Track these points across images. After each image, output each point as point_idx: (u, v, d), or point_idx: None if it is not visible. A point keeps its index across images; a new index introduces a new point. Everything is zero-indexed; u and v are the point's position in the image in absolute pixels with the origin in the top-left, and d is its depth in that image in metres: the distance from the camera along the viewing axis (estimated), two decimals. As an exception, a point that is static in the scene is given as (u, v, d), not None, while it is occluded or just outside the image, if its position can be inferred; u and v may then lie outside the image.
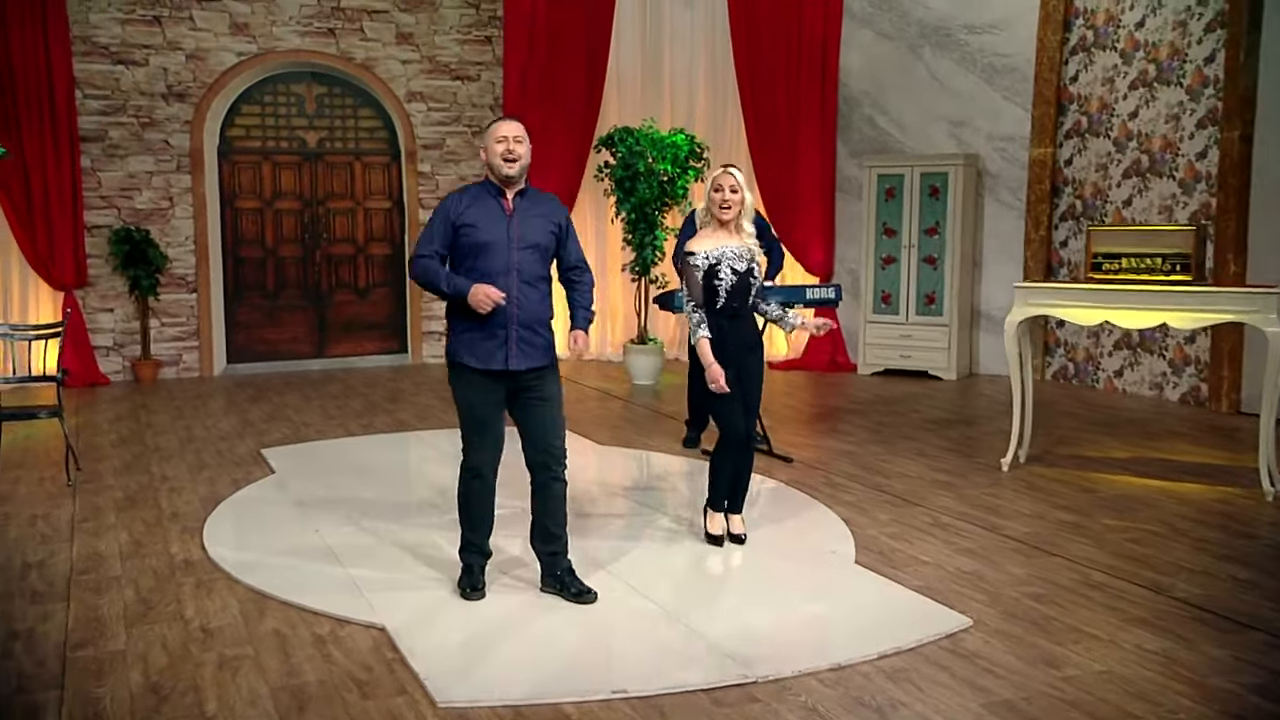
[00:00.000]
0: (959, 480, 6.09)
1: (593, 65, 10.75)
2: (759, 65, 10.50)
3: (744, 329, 4.73)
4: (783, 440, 7.06)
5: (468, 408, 4.26)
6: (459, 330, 4.23)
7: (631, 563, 4.74)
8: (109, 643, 3.89)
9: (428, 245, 4.22)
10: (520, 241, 4.18)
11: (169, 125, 9.76)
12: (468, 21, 10.73)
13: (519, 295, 4.17)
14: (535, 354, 4.24)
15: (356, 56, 10.34)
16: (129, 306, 9.73)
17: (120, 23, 9.52)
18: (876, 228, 10.08)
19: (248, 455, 6.82)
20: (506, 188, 4.22)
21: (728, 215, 4.65)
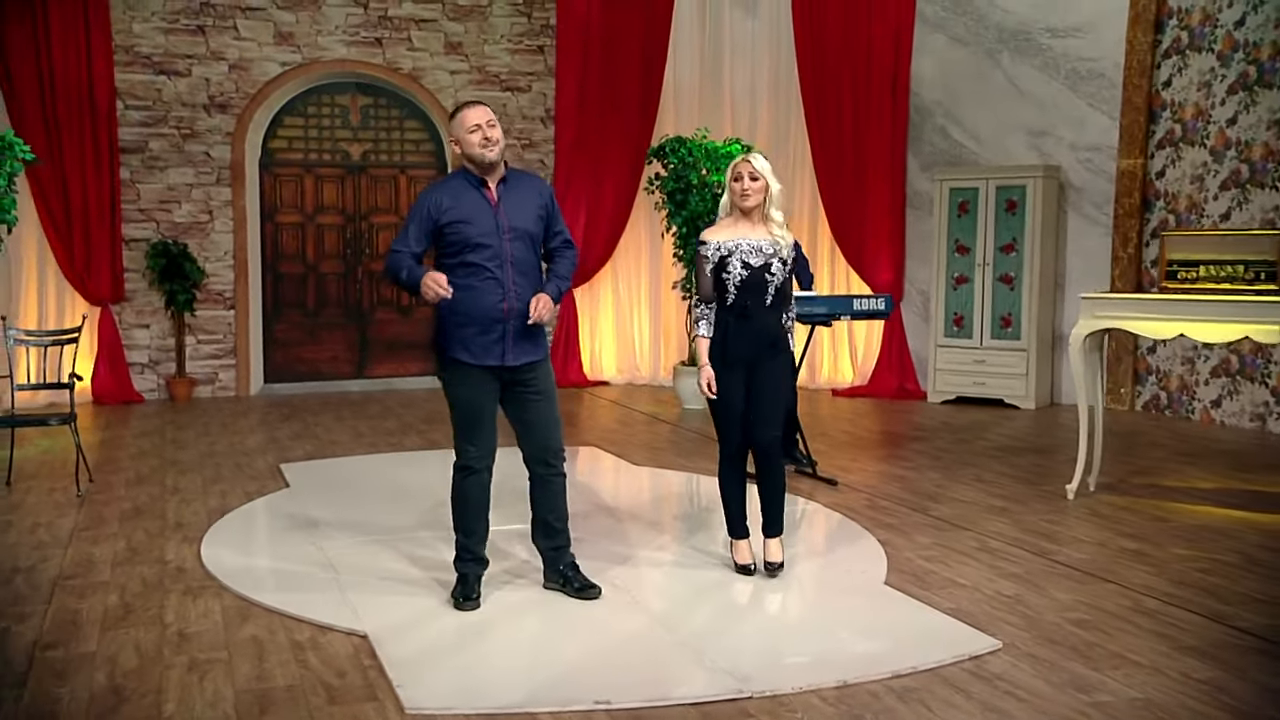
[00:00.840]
0: (1017, 506, 5.91)
1: (649, 75, 10.81)
2: (824, 74, 10.45)
3: (757, 329, 4.57)
4: (832, 465, 6.95)
5: (464, 404, 4.28)
6: (454, 324, 4.24)
7: (641, 577, 4.67)
8: (81, 644, 3.92)
9: (402, 241, 4.26)
10: (511, 231, 4.21)
11: (210, 137, 10.03)
12: (519, 30, 10.88)
13: (515, 287, 4.19)
14: (531, 348, 4.28)
15: (404, 66, 10.54)
16: (165, 323, 9.98)
17: (164, 32, 9.84)
18: (948, 245, 9.91)
19: (266, 470, 6.91)
20: (488, 175, 4.25)
21: (748, 204, 4.54)
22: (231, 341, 10.22)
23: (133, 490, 6.38)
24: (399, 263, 4.24)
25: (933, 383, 10.03)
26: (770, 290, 4.58)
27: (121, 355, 9.79)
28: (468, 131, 4.21)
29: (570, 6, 10.73)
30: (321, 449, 7.64)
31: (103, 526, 5.56)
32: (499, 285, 4.17)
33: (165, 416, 9.03)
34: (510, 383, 4.29)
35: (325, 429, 8.43)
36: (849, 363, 10.90)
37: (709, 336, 4.60)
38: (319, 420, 8.84)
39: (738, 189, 4.57)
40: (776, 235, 4.60)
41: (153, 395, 9.97)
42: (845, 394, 10.35)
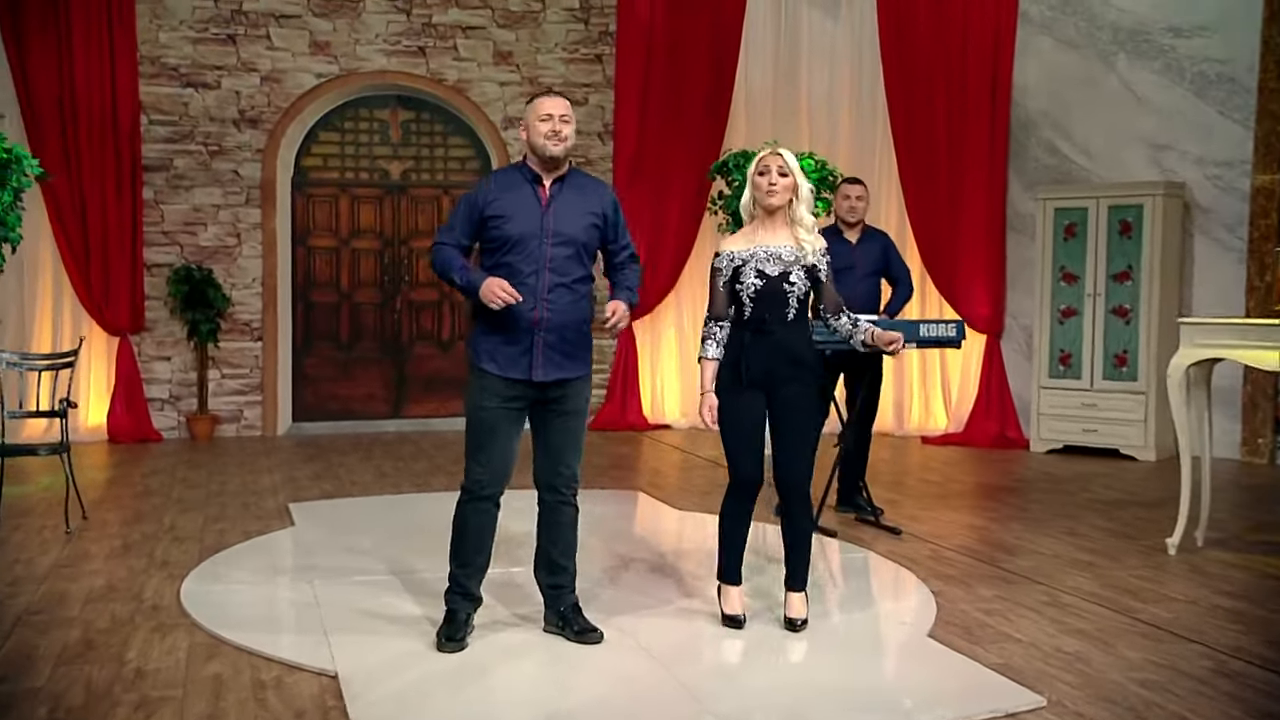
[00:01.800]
0: (1105, 561, 5.77)
1: (718, 83, 10.90)
2: (914, 81, 10.43)
3: (777, 348, 4.50)
4: (901, 515, 6.87)
5: (478, 417, 4.33)
6: (482, 331, 4.34)
7: (650, 624, 4.65)
8: (28, 680, 4.03)
9: (449, 233, 4.40)
10: (554, 236, 4.27)
11: (239, 154, 10.36)
12: (575, 38, 11.07)
13: (549, 297, 4.25)
14: (565, 364, 4.32)
15: (449, 78, 10.78)
16: (187, 355, 10.28)
17: (192, 42, 10.22)
18: (1053, 273, 9.76)
19: (274, 510, 7.05)
20: (546, 173, 4.34)
21: (773, 201, 4.51)
22: (258, 376, 10.48)
23: (126, 528, 6.55)
24: (449, 260, 4.34)
25: (1036, 429, 9.84)
26: (791, 302, 4.53)
27: (140, 390, 10.10)
28: (538, 119, 4.32)
29: (632, 10, 10.90)
30: (340, 489, 7.77)
31: (84, 563, 5.72)
32: (531, 292, 4.23)
33: (181, 455, 9.27)
34: (539, 401, 4.35)
35: (349, 470, 8.58)
36: (942, 406, 10.77)
37: (716, 359, 4.55)
38: (344, 461, 8.99)
39: (763, 184, 4.54)
40: (803, 240, 4.55)
41: (172, 434, 10.25)
42: (937, 442, 10.22)
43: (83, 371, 9.98)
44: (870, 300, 6.84)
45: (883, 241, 7.03)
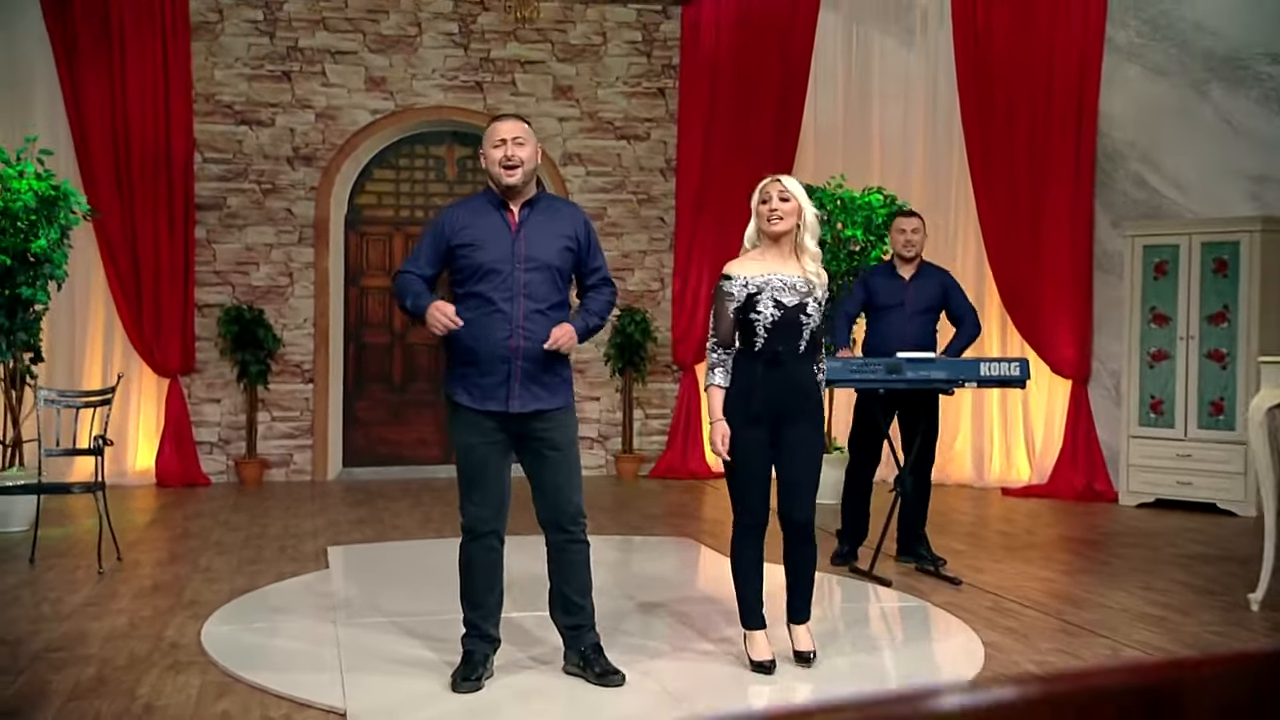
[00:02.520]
0: (1178, 616, 5.66)
1: (785, 116, 10.97)
2: (993, 112, 10.42)
3: (788, 381, 4.56)
4: (964, 565, 6.82)
5: (463, 453, 4.42)
6: (456, 364, 4.42)
7: (678, 668, 4.67)
8: (37, 715, 4.17)
9: (413, 262, 4.49)
10: (527, 261, 4.34)
11: (293, 192, 10.65)
12: (637, 71, 11.23)
13: (525, 325, 4.31)
14: (544, 394, 4.38)
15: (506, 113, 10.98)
16: (237, 397, 10.52)
17: (247, 79, 10.56)
18: (1142, 314, 9.63)
19: (311, 553, 7.18)
20: (511, 199, 4.41)
21: (777, 228, 4.53)
22: (308, 419, 10.69)
23: (159, 569, 6.72)
24: (406, 286, 4.44)
25: (1125, 481, 9.68)
26: (805, 334, 4.59)
27: (189, 433, 10.35)
28: (492, 146, 4.41)
29: (696, 43, 11.04)
30: (382, 534, 7.90)
31: (111, 602, 5.88)
32: (506, 320, 4.30)
33: (226, 500, 9.48)
34: (521, 434, 4.41)
35: (394, 515, 8.71)
36: (1025, 456, 10.65)
37: (724, 387, 4.57)
38: (391, 507, 9.13)
39: (765, 211, 4.59)
40: (810, 272, 4.60)
41: (221, 478, 10.48)
42: (1018, 493, 10.10)
43: (131, 413, 10.28)
44: (922, 339, 6.82)
45: (940, 279, 7.01)
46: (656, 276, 11.19)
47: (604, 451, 11.09)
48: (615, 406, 11.10)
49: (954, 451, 10.79)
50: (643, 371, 10.88)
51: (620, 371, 10.91)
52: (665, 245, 11.17)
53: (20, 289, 7.79)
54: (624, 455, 10.91)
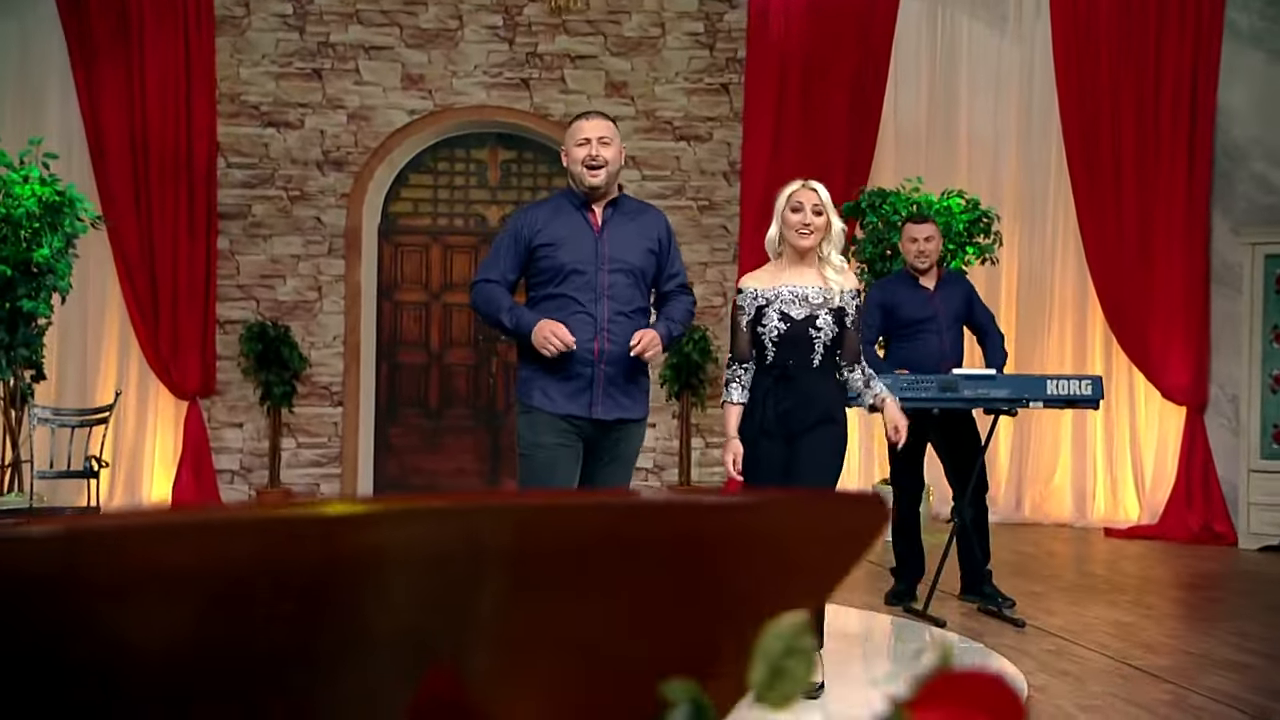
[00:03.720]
0: (1263, 663, 5.60)
1: (862, 115, 11.02)
2: (1096, 108, 10.39)
3: (801, 395, 4.75)
4: (1039, 608, 6.81)
5: (534, 461, 4.56)
6: (534, 367, 4.58)
7: None
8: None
9: (492, 268, 4.66)
10: (612, 263, 4.54)
11: (322, 199, 10.93)
12: (699, 66, 11.36)
13: (609, 328, 4.50)
14: (626, 403, 4.57)
15: (554, 113, 11.18)
16: (260, 421, 10.80)
17: (274, 78, 10.88)
18: (1264, 333, 9.52)
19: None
20: (593, 200, 4.62)
21: (806, 242, 4.75)
22: (337, 446, 10.93)
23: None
24: (496, 300, 4.60)
25: (1245, 521, 9.55)
26: (817, 348, 4.78)
27: (208, 460, 10.64)
28: (576, 145, 4.61)
29: (764, 34, 11.13)
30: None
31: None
32: (591, 322, 4.49)
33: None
34: (594, 442, 4.56)
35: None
36: (1133, 493, 10.56)
37: (741, 403, 4.79)
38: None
39: (795, 220, 4.77)
40: (831, 281, 4.80)
41: (242, 509, 10.72)
42: (1122, 534, 10.01)
43: (147, 437, 10.61)
44: (959, 355, 6.84)
45: (963, 286, 7.03)
46: (719, 290, 11.28)
47: (659, 484, 11.19)
48: (672, 434, 11.19)
49: (1052, 487, 10.74)
50: (702, 395, 10.94)
51: (677, 395, 11.00)
52: (728, 256, 11.26)
53: (21, 301, 8.10)
54: (681, 487, 10.99)
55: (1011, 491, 10.73)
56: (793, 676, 0.69)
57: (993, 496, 10.60)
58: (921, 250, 6.86)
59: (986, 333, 6.99)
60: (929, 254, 6.86)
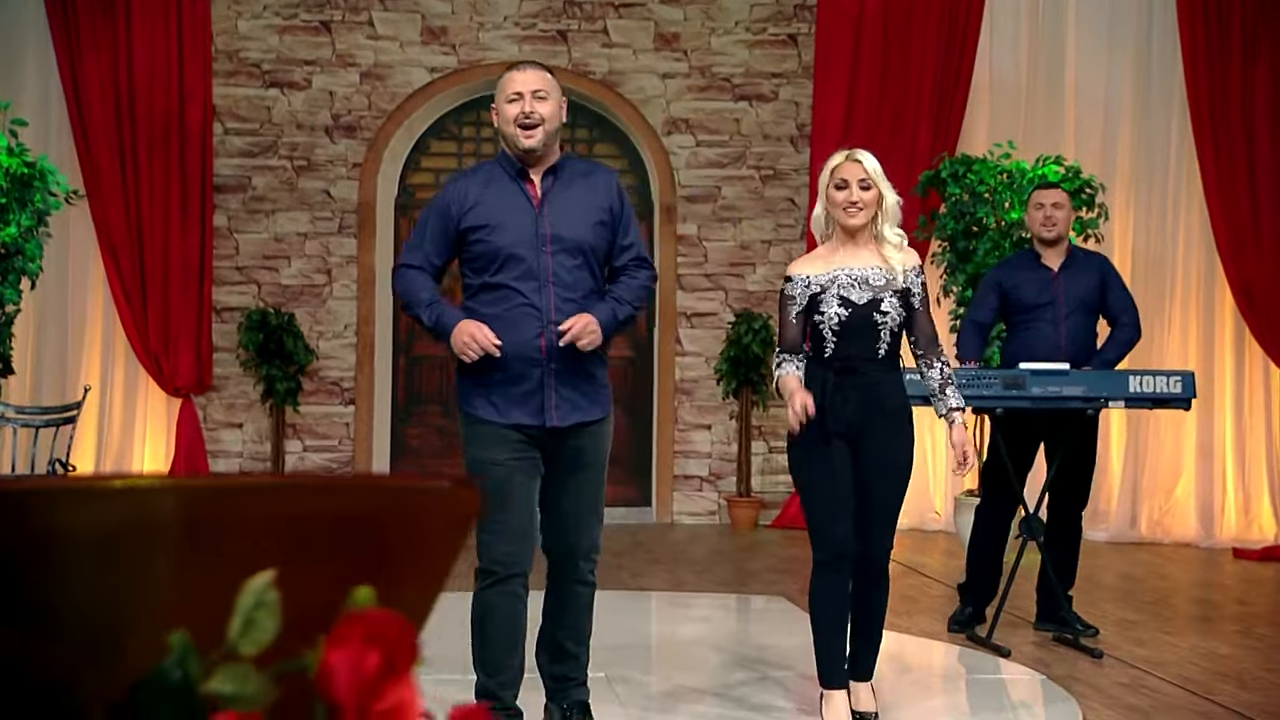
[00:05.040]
0: (1374, 699, 5.71)
1: (952, 70, 11.08)
2: (1226, 61, 10.44)
3: (865, 390, 4.85)
4: (1129, 637, 6.95)
5: (481, 473, 4.56)
6: (473, 370, 4.58)
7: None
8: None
9: (415, 251, 4.72)
10: (555, 243, 4.57)
11: (331, 170, 11.19)
12: (762, 14, 11.49)
13: (558, 319, 4.50)
14: (584, 403, 4.61)
15: (596, 70, 11.37)
16: (262, 421, 11.09)
17: (277, 31, 11.15)
18: None
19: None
20: (530, 166, 4.65)
21: (856, 220, 4.84)
22: (349, 449, 11.19)
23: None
24: (416, 291, 4.65)
25: (1399, 541, 9.58)
26: (883, 336, 4.86)
27: (204, 464, 10.93)
28: (506, 101, 4.62)
29: (838, -23, 11.25)
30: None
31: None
32: (536, 315, 4.50)
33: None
34: (552, 450, 4.60)
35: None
36: (1269, 508, 10.57)
37: (796, 376, 4.85)
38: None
39: (841, 199, 4.85)
40: (892, 260, 4.87)
41: (242, 521, 11.03)
42: (1255, 556, 10.00)
43: (136, 439, 10.93)
44: (1081, 346, 6.87)
45: (1099, 266, 7.09)
46: (784, 273, 11.38)
47: (715, 494, 11.34)
48: (729, 437, 11.34)
49: (1173, 502, 10.76)
50: (764, 394, 11.05)
51: (735, 393, 11.14)
52: (796, 234, 11.36)
53: (-14, 285, 8.41)
54: (739, 499, 11.12)
55: (1125, 506, 10.75)
56: (261, 626, 0.87)
57: (1104, 512, 10.74)
58: (1049, 217, 6.97)
59: (1118, 322, 7.03)
60: (1057, 221, 6.96)
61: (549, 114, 4.57)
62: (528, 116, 4.54)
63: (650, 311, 11.51)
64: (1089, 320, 7.00)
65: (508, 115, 4.59)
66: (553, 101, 4.62)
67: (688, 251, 11.42)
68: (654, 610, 8.00)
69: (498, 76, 4.82)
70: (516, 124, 4.56)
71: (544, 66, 4.84)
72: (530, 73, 4.67)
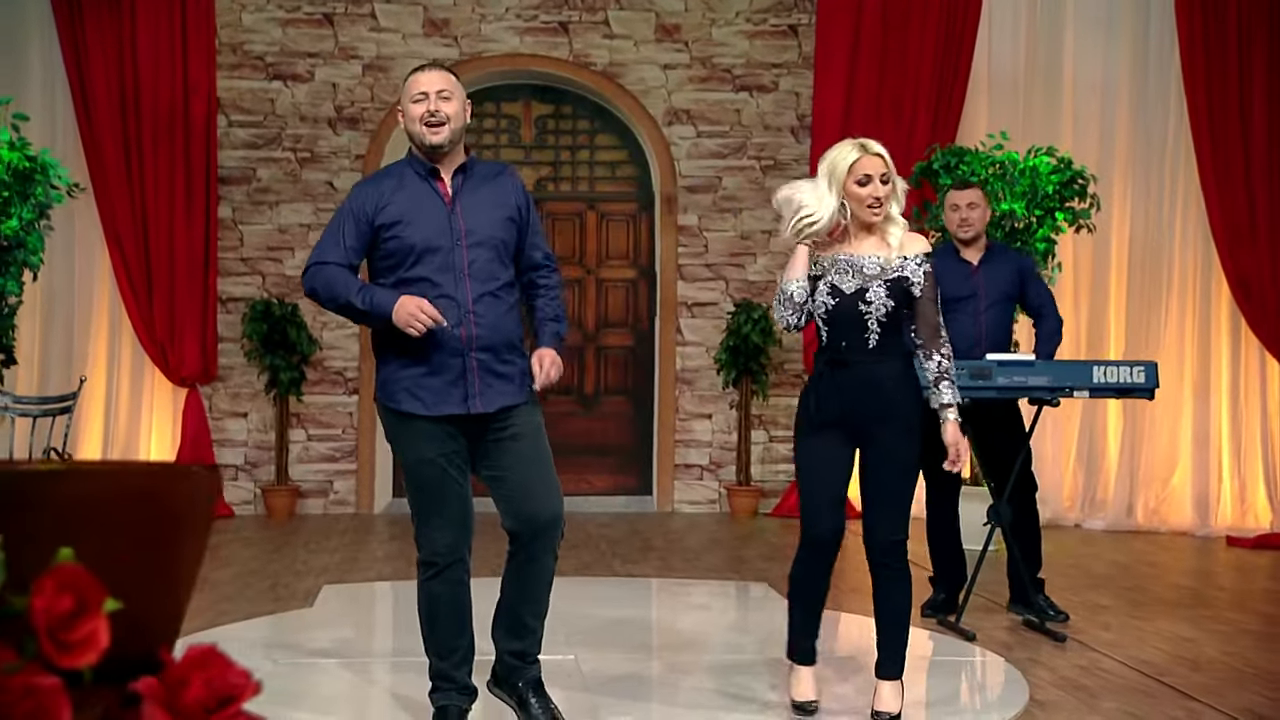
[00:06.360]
0: (1324, 680, 5.95)
1: (950, 62, 11.28)
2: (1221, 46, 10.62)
3: (857, 382, 4.98)
4: (1097, 622, 7.17)
5: (418, 473, 4.83)
6: (394, 364, 4.84)
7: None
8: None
9: (331, 250, 4.87)
10: (469, 236, 4.82)
11: (334, 161, 11.49)
12: (763, 5, 11.73)
13: (475, 309, 4.77)
14: (507, 388, 4.82)
15: (597, 61, 11.64)
16: (267, 411, 11.40)
17: (280, 24, 11.45)
18: None
19: (303, 592, 7.90)
20: (439, 164, 4.89)
21: (879, 215, 4.96)
22: (352, 439, 11.50)
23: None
24: (341, 281, 4.80)
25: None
26: (871, 326, 4.97)
27: (209, 454, 11.23)
28: (412, 101, 4.84)
29: (838, -32, 11.47)
30: (402, 571, 8.57)
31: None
32: (454, 306, 4.73)
33: (240, 533, 10.30)
34: (480, 438, 4.84)
35: (430, 554, 9.42)
36: (1264, 497, 10.78)
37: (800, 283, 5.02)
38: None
39: (866, 195, 4.93)
40: (894, 245, 4.98)
41: (247, 509, 11.35)
42: (1247, 544, 10.20)
43: (142, 429, 11.25)
44: (1000, 337, 7.18)
45: (1016, 262, 7.35)
46: (783, 263, 11.62)
47: (715, 483, 11.61)
48: (729, 427, 11.60)
49: (1170, 491, 10.97)
50: (763, 383, 11.32)
51: (735, 382, 11.40)
52: (796, 224, 11.60)
53: (-12, 278, 8.75)
54: (739, 487, 11.39)
55: (1122, 495, 10.98)
56: None
57: (1101, 501, 10.96)
58: (965, 219, 7.20)
59: (1041, 316, 7.31)
60: (972, 222, 7.20)
61: (453, 113, 4.81)
62: (433, 115, 4.77)
63: (651, 301, 11.79)
64: (1007, 313, 7.33)
65: (414, 114, 4.82)
66: (456, 101, 4.85)
67: (688, 242, 11.68)
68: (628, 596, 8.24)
69: (405, 78, 5.02)
70: (423, 122, 4.80)
71: (447, 68, 5.08)
72: (434, 74, 4.90)
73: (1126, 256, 11.10)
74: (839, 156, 5.00)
